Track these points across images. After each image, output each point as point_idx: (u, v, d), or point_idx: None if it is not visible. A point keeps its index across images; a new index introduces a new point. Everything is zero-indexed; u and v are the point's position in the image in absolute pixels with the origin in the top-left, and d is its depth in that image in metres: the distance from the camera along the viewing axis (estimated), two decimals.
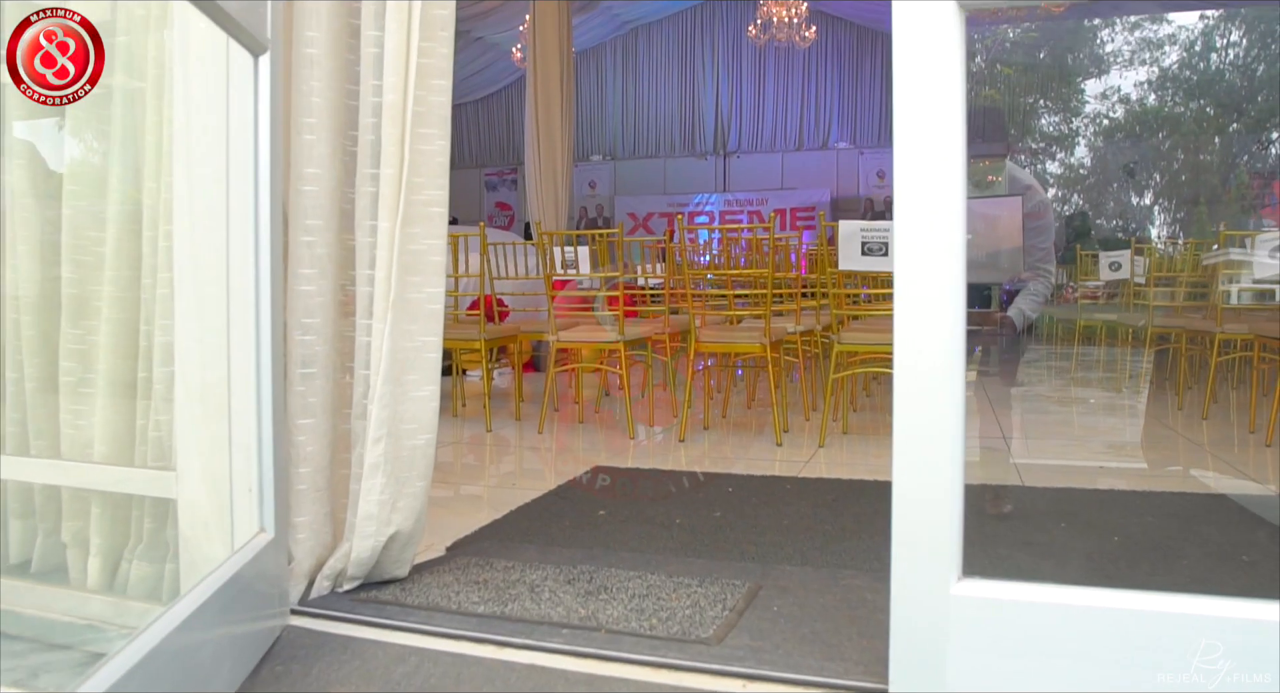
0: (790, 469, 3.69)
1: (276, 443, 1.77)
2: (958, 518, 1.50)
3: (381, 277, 1.89)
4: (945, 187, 1.48)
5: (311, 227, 1.95)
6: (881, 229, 3.93)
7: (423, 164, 1.94)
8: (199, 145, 1.85)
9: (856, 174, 16.53)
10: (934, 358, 1.48)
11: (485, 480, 3.62)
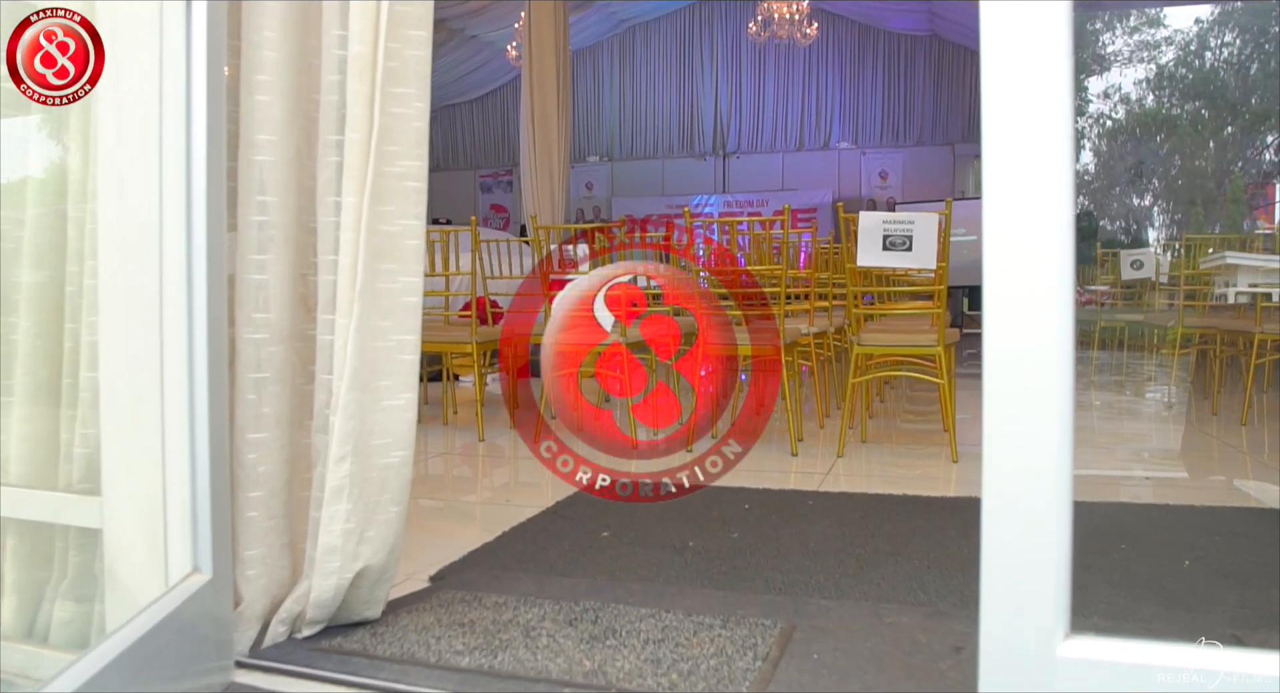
0: (809, 482, 3.38)
1: (215, 464, 1.45)
2: (1065, 561, 1.19)
3: (346, 263, 1.58)
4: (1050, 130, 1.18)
5: (265, 205, 1.64)
6: (904, 221, 3.63)
7: (396, 130, 1.63)
8: (130, 107, 1.54)
9: (859, 175, 16.25)
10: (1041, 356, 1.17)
11: (477, 496, 3.31)
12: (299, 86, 1.68)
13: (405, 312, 1.66)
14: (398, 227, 1.64)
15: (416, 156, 1.66)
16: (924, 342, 3.81)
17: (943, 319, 3.78)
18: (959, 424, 4.05)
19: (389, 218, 1.63)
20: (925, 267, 3.62)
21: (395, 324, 1.65)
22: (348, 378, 1.58)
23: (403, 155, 1.64)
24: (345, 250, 1.58)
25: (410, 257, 1.66)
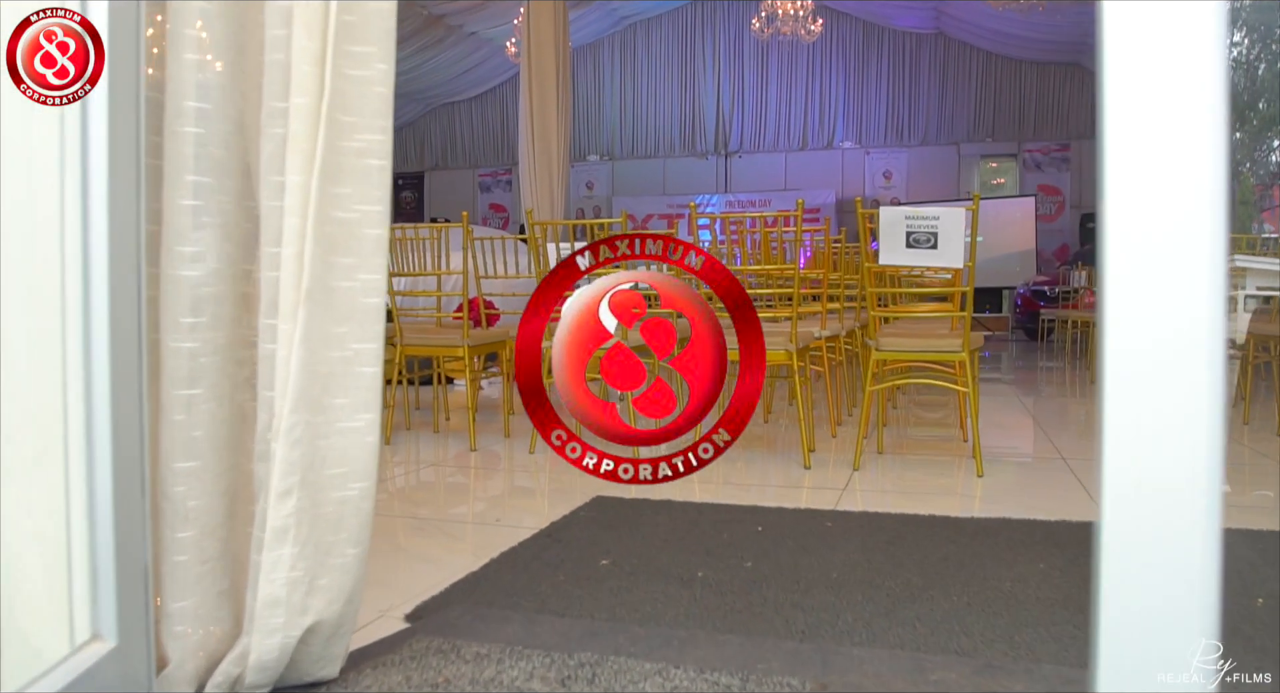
0: (825, 500, 3.10)
1: (122, 503, 1.17)
2: (1213, 605, 0.90)
3: (291, 254, 1.30)
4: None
5: (198, 186, 1.36)
6: (929, 217, 3.35)
7: (354, 96, 1.35)
8: None
9: (862, 174, 15.97)
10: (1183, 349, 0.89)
11: (465, 514, 3.02)
12: (241, 43, 1.39)
13: (365, 315, 1.38)
14: (355, 213, 1.36)
15: (380, 129, 1.37)
16: (947, 347, 3.53)
17: (967, 322, 3.50)
18: (970, 433, 3.77)
19: (345, 202, 1.35)
20: (952, 266, 3.34)
21: (353, 330, 1.37)
22: (292, 396, 1.29)
23: (362, 128, 1.36)
24: (289, 241, 1.29)
25: (371, 249, 1.38)
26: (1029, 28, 13.70)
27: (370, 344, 1.39)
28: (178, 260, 1.35)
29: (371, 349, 1.39)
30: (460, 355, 4.10)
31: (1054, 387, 6.96)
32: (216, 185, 1.38)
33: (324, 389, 1.36)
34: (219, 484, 1.41)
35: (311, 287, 1.30)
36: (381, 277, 1.40)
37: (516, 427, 4.62)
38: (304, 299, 1.29)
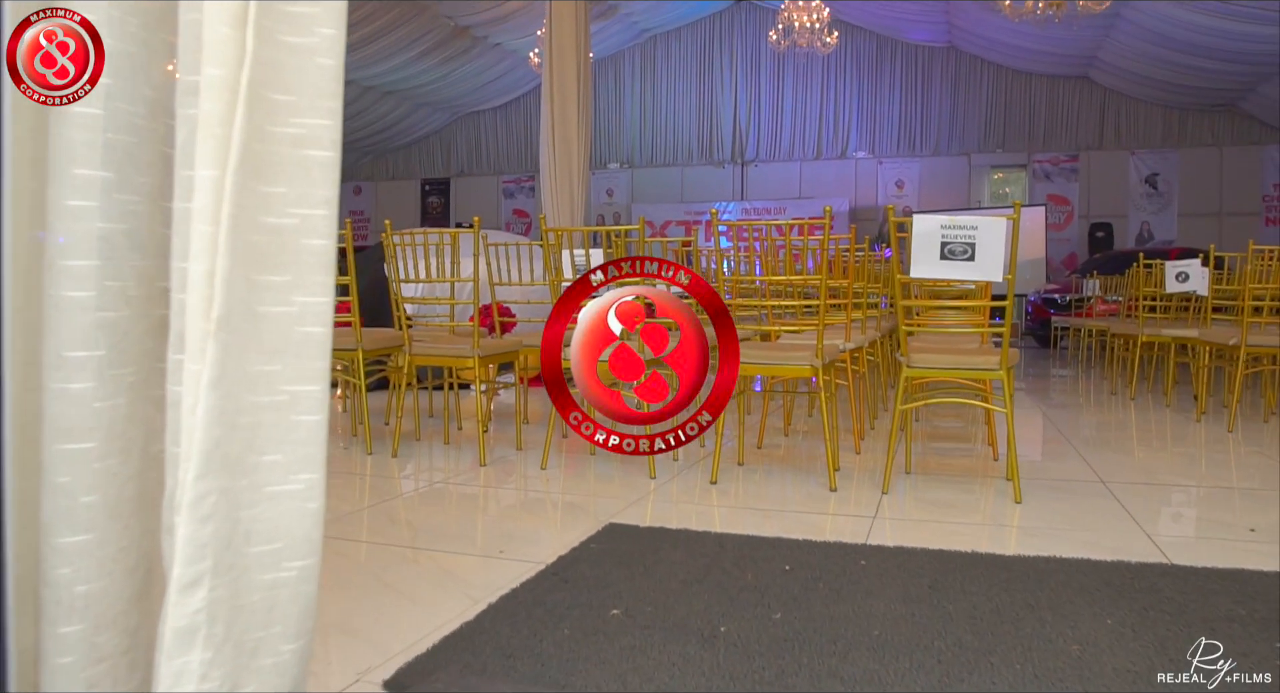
0: (855, 529, 2.72)
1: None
2: None
3: (200, 272, 0.94)
4: None
5: (93, 182, 1.00)
6: (967, 227, 2.96)
7: (289, 68, 0.98)
8: None
9: (875, 184, 15.54)
10: None
11: (466, 542, 2.66)
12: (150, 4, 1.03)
13: (304, 348, 1.02)
14: (292, 218, 1.00)
15: (325, 112, 1.01)
16: (984, 364, 3.14)
17: (1006, 338, 3.10)
18: (1001, 451, 3.35)
19: (277, 204, 0.99)
20: (991, 279, 2.95)
21: (288, 368, 1.01)
22: (199, 457, 0.93)
23: (303, 109, 1.00)
24: (198, 254, 0.93)
25: (314, 264, 1.01)
26: (1039, 41, 13.23)
27: (311, 385, 1.03)
28: (63, 278, 0.99)
29: (312, 392, 1.02)
30: (471, 366, 3.74)
31: (1072, 396, 6.54)
32: (119, 181, 1.02)
33: (248, 445, 0.99)
34: (123, 561, 1.05)
35: (227, 313, 0.94)
36: (327, 299, 1.03)
37: (530, 438, 4.27)
38: (216, 329, 0.93)
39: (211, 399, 0.93)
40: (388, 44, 13.67)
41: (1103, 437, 4.67)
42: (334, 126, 1.02)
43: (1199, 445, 4.35)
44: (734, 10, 16.15)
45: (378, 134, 17.10)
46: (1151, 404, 5.90)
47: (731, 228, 3.81)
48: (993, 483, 3.42)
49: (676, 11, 15.78)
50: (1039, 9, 8.95)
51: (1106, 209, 14.53)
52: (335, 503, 3.08)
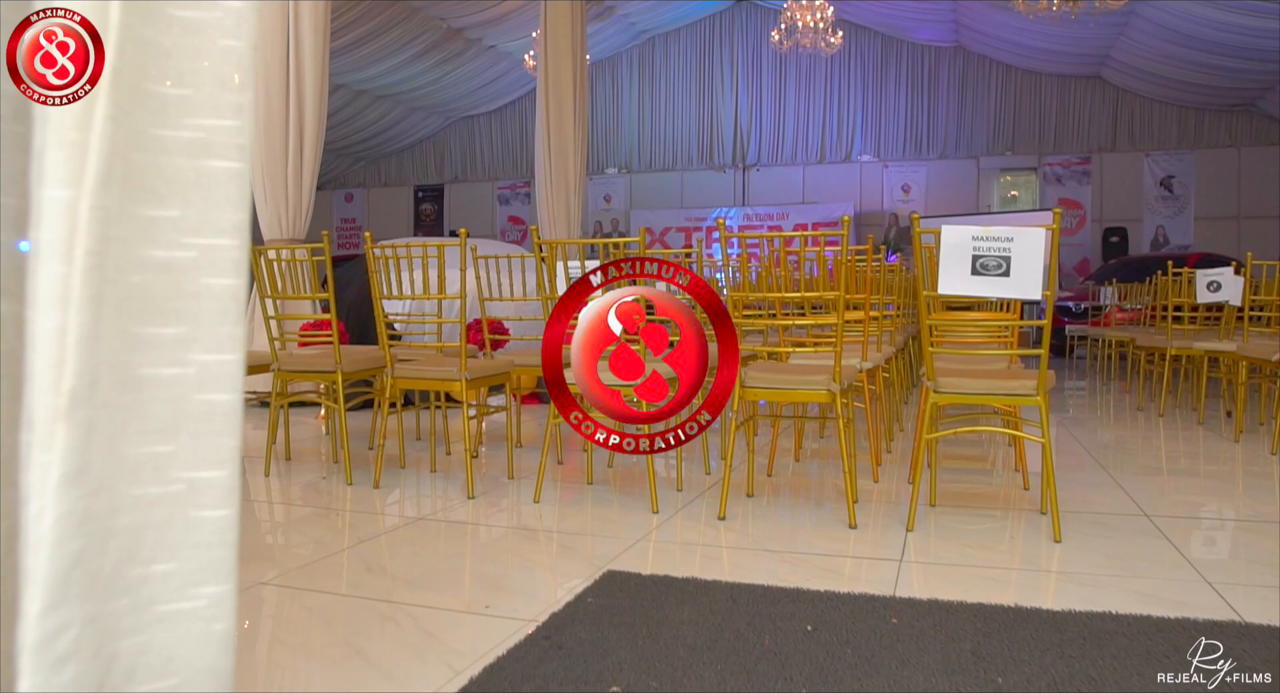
0: (881, 577, 2.49)
1: None
2: None
3: (47, 328, 0.70)
4: None
5: None
6: (1001, 239, 2.73)
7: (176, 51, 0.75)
8: None
9: (881, 188, 15.33)
10: None
11: (449, 596, 2.42)
12: None
13: (206, 422, 0.78)
14: (188, 250, 0.77)
15: (231, 110, 0.78)
16: (1020, 388, 2.91)
17: (1043, 361, 2.87)
18: (1030, 479, 3.07)
19: (166, 233, 0.75)
20: (1028, 297, 2.72)
21: (183, 449, 0.77)
22: (48, 583, 0.70)
23: (199, 107, 0.77)
24: (46, 303, 0.70)
25: (218, 312, 0.78)
26: (1049, 40, 13.03)
27: (216, 471, 0.79)
28: None
29: (217, 480, 0.79)
30: (457, 389, 3.50)
31: (1096, 412, 6.30)
32: None
33: (129, 554, 0.76)
34: None
35: (91, 382, 0.71)
36: (237, 357, 0.80)
37: (523, 463, 4.03)
38: (70, 405, 0.70)
39: (66, 502, 0.70)
40: (379, 47, 13.47)
41: (1136, 460, 4.43)
42: (242, 129, 0.79)
43: (1242, 471, 4.11)
44: (734, 10, 15.96)
45: (369, 139, 16.90)
46: (1181, 421, 5.67)
47: (740, 239, 3.57)
48: (1025, 517, 3.19)
49: (675, 12, 15.59)
50: (1054, 6, 8.74)
51: (1120, 213, 14.32)
52: (308, 547, 2.84)
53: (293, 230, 6.15)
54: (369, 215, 18.16)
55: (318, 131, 6.16)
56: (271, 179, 6.06)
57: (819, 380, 3.06)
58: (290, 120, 6.04)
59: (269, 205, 6.09)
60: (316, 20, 6.07)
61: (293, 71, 6.02)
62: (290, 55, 6.01)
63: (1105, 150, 14.50)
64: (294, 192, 6.10)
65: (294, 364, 3.85)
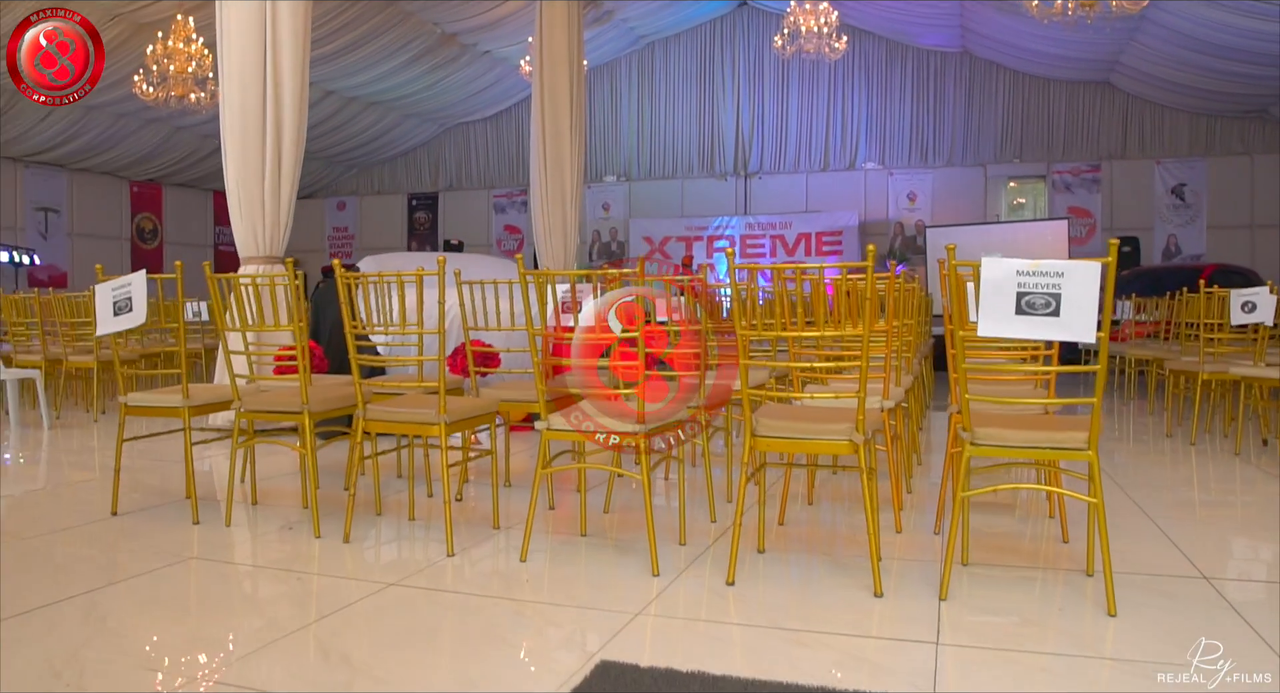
0: (917, 666, 2.15)
1: None
2: None
3: None
4: None
5: None
6: (1050, 274, 2.39)
7: None
8: None
9: (886, 196, 15.02)
10: None
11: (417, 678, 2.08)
12: None
13: None
14: None
15: None
16: (1069, 441, 2.57)
17: (1096, 412, 2.54)
18: (1069, 528, 2.71)
19: None
20: (1081, 340, 2.38)
21: None
22: None
23: None
24: None
25: None
26: (1059, 45, 12.73)
27: None
28: None
29: None
30: (435, 433, 3.16)
31: (1122, 441, 5.97)
32: None
33: None
34: None
35: None
36: None
37: (510, 508, 3.69)
38: None
39: None
40: (370, 52, 13.16)
41: (1177, 499, 4.10)
42: None
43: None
44: (736, 15, 15.66)
45: (361, 147, 16.58)
46: (1214, 451, 5.34)
47: (751, 271, 3.24)
48: (1069, 579, 2.86)
49: (675, 16, 15.29)
50: (1069, 9, 8.43)
51: (1130, 222, 14.01)
52: (260, 628, 2.50)
53: (270, 247, 5.81)
54: (361, 224, 17.84)
55: (297, 141, 5.83)
56: (247, 192, 5.73)
57: (839, 430, 2.73)
58: (268, 129, 5.72)
59: (244, 220, 5.76)
60: (296, 22, 5.74)
61: (270, 77, 5.69)
62: (268, 60, 5.68)
63: (1115, 158, 14.20)
64: (271, 205, 5.77)
65: (258, 403, 3.51)
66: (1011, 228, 14.08)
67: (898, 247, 14.84)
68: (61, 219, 14.69)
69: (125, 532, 3.49)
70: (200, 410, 3.65)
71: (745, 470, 2.85)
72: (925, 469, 4.79)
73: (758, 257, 15.25)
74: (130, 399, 3.69)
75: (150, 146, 14.54)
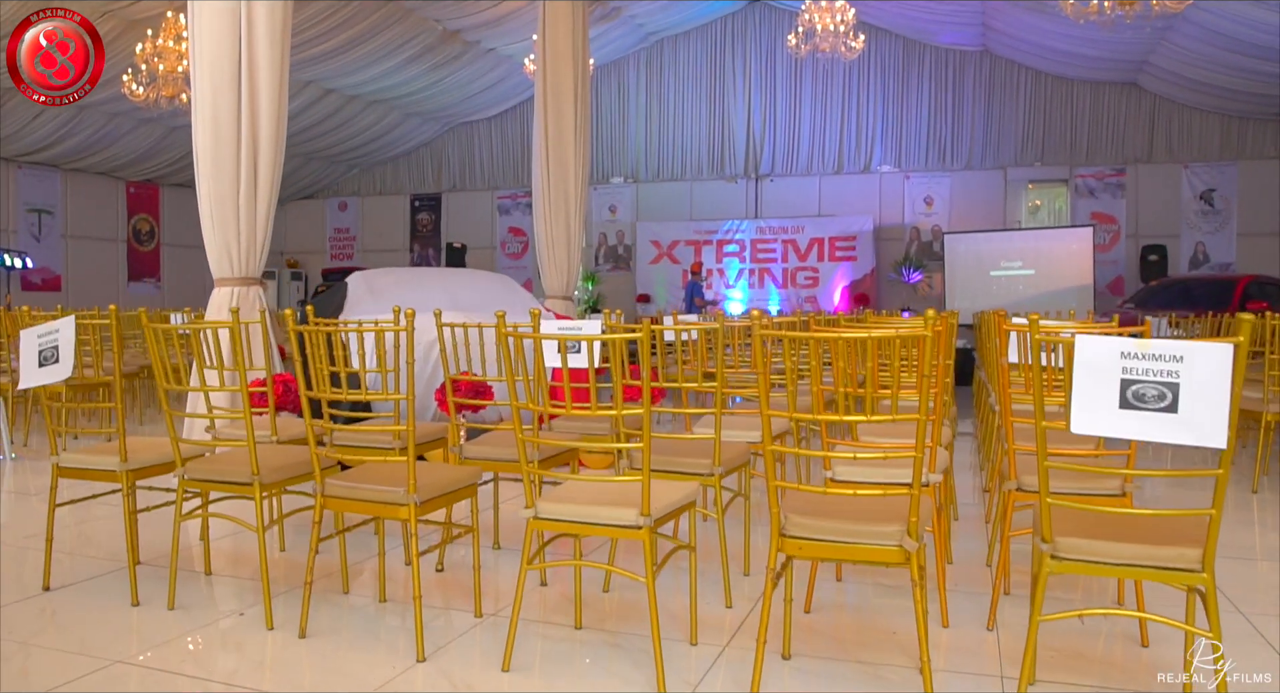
0: None
1: None
2: None
3: None
4: None
5: None
6: (1166, 358, 1.87)
7: None
8: None
9: (902, 200, 14.47)
10: None
11: None
12: None
13: None
14: None
15: None
16: (1178, 560, 2.06)
17: (1216, 520, 2.02)
18: (1148, 628, 2.19)
19: None
20: (1207, 443, 1.87)
21: None
22: None
23: None
24: None
25: None
26: (1083, 44, 12.15)
27: None
28: None
29: None
30: (404, 516, 2.67)
31: (1169, 485, 5.44)
32: None
33: None
34: None
35: None
36: None
37: (499, 584, 3.19)
38: None
39: None
40: (371, 49, 12.65)
41: (1252, 567, 3.58)
42: None
43: None
44: (747, 11, 15.10)
45: (363, 146, 16.09)
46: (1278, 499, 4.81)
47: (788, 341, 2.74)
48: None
49: (685, 13, 14.73)
50: (1106, 8, 7.87)
51: (1156, 228, 13.42)
52: None
53: (246, 268, 5.31)
54: (363, 225, 17.35)
55: (275, 153, 5.33)
56: (220, 207, 5.23)
57: (888, 533, 2.22)
58: (243, 140, 5.21)
59: (217, 238, 5.25)
60: (274, 23, 5.22)
61: (245, 83, 5.18)
62: (243, 64, 5.18)
63: (1141, 161, 13.61)
64: (247, 222, 5.26)
65: (204, 470, 3.01)
66: (1034, 235, 13.51)
67: (913, 253, 14.29)
68: (55, 221, 14.23)
69: (51, 617, 3.01)
70: (143, 473, 3.16)
71: (770, 575, 2.34)
72: (965, 526, 4.26)
73: (769, 262, 14.72)
74: (63, 460, 3.20)
75: (146, 146, 14.07)
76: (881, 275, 14.39)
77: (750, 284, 14.87)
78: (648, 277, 15.40)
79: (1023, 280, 13.29)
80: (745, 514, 3.62)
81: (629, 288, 15.58)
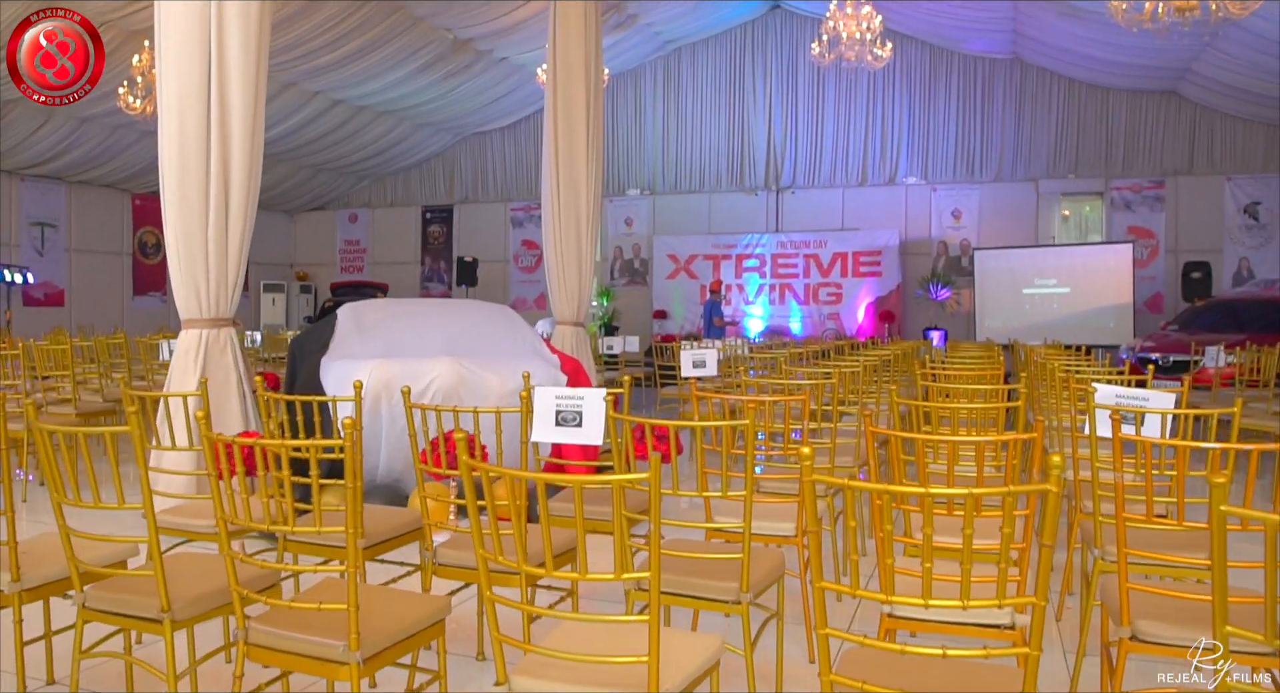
0: None
1: None
2: None
3: None
4: None
5: None
6: None
7: None
8: None
9: (928, 213, 13.75)
10: None
11: None
12: None
13: None
14: None
15: None
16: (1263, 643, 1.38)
17: None
18: None
19: None
20: None
21: None
22: None
23: None
24: None
25: None
26: (1120, 52, 11.40)
27: None
28: None
29: None
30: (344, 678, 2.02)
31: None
32: None
33: None
34: None
35: None
36: None
37: None
38: None
39: None
40: (381, 59, 12.08)
41: None
42: None
43: None
44: (768, 18, 14.42)
45: (374, 157, 15.53)
46: None
47: None
48: None
49: (703, 20, 14.08)
50: (1160, 13, 7.16)
51: (1197, 243, 12.63)
52: None
53: (216, 308, 4.69)
54: (374, 237, 16.79)
55: (249, 176, 4.72)
56: (187, 242, 4.63)
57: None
58: (212, 166, 4.62)
59: (184, 275, 4.64)
60: (248, 28, 4.60)
61: (215, 98, 4.58)
62: (212, 76, 4.57)
63: (1181, 173, 12.83)
64: (217, 258, 4.65)
65: (105, 598, 2.38)
66: (1069, 251, 12.76)
67: (941, 269, 13.56)
68: (59, 234, 13.74)
69: None
70: (36, 594, 2.54)
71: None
72: None
73: (790, 277, 14.04)
74: None
75: (150, 158, 13.47)
76: (908, 292, 13.67)
77: (771, 301, 14.19)
78: (664, 292, 14.75)
79: (1057, 299, 12.54)
80: (778, 637, 2.89)
81: (645, 303, 14.94)
